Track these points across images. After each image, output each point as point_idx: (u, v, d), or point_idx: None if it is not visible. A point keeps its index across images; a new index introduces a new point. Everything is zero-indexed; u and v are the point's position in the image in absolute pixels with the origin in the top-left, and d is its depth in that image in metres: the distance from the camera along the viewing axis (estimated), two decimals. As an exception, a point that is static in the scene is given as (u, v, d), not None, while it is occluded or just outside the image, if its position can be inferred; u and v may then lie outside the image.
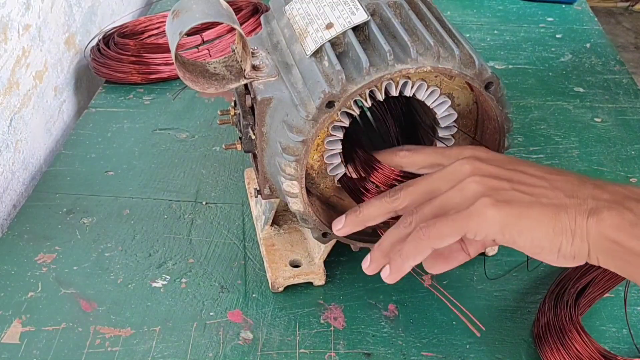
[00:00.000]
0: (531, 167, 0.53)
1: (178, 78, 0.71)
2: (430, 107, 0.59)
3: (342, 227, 0.59)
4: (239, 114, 0.64)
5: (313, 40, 0.57)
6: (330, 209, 0.64)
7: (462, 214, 0.51)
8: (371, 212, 0.57)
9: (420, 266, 0.62)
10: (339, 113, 0.57)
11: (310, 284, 0.68)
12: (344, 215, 0.59)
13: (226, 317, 0.65)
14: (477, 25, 1.17)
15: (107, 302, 0.66)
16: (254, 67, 0.59)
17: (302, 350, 0.62)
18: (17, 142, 0.84)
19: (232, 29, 1.02)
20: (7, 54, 0.81)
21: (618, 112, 0.95)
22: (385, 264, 0.55)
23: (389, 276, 0.55)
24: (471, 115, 0.63)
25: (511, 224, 0.50)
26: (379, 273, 0.69)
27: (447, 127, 0.61)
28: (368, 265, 0.57)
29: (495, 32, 1.15)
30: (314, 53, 0.57)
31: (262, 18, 0.66)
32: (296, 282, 0.67)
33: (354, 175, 0.62)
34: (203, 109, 0.94)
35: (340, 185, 0.63)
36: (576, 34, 1.14)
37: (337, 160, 0.61)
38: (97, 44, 1.01)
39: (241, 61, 0.60)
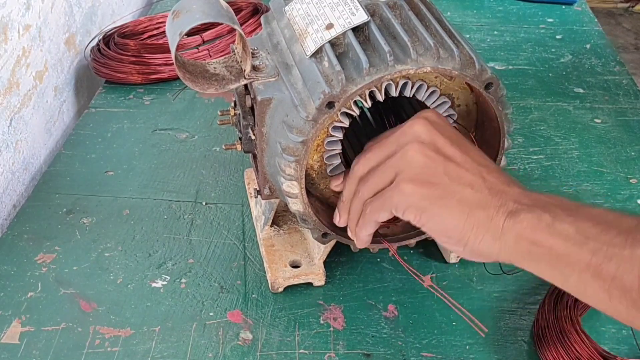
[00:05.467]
0: (470, 154, 0.53)
1: (178, 78, 0.71)
2: (431, 108, 0.59)
3: (339, 217, 0.60)
4: (239, 114, 0.64)
5: (313, 41, 0.57)
6: (330, 210, 0.64)
7: (390, 189, 0.53)
8: (347, 192, 0.59)
9: (419, 268, 0.62)
10: (338, 114, 0.57)
11: (310, 284, 0.68)
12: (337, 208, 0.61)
13: (226, 318, 0.65)
14: (477, 26, 1.17)
15: (107, 302, 0.66)
16: (254, 68, 0.59)
17: (301, 351, 0.62)
18: (17, 142, 0.84)
19: (232, 30, 1.02)
20: (8, 54, 0.81)
21: (618, 113, 0.95)
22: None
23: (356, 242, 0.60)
24: (471, 115, 0.63)
25: (424, 207, 0.51)
26: (378, 275, 0.70)
27: (447, 128, 0.61)
28: (338, 220, 0.61)
29: (495, 32, 1.15)
30: (314, 53, 0.57)
31: (262, 18, 0.66)
32: (296, 283, 0.67)
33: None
34: (203, 109, 0.94)
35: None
36: (576, 34, 1.14)
37: (337, 160, 0.61)
38: (98, 44, 1.01)
39: (241, 62, 0.60)
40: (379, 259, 0.71)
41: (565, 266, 0.48)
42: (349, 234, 0.60)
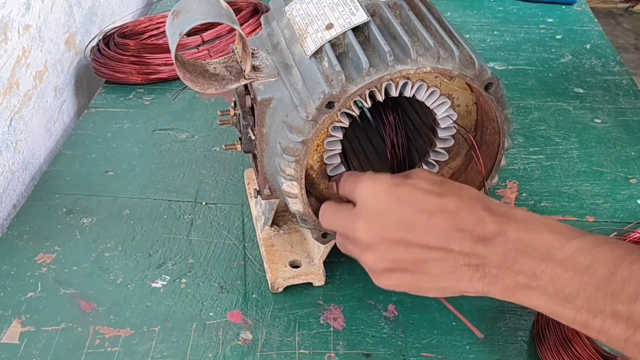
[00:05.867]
0: (428, 223, 0.51)
1: (178, 78, 0.71)
2: (430, 108, 0.59)
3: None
4: (239, 114, 0.64)
5: (313, 41, 0.57)
6: (330, 210, 0.64)
7: (366, 269, 0.56)
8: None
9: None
10: (338, 114, 0.57)
11: (309, 284, 0.68)
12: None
13: (226, 318, 0.65)
14: (477, 26, 1.17)
15: (107, 302, 0.66)
16: (254, 68, 0.59)
17: (301, 351, 0.62)
18: (17, 142, 0.84)
19: (232, 30, 1.02)
20: (7, 54, 0.81)
21: (618, 113, 0.95)
22: None
23: None
24: (471, 116, 0.63)
25: (403, 290, 0.55)
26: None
27: (446, 128, 0.61)
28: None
29: (495, 32, 1.15)
30: (314, 54, 0.57)
31: (262, 18, 0.66)
32: (296, 283, 0.67)
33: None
34: (203, 109, 0.94)
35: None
36: (576, 34, 1.14)
37: (337, 160, 0.61)
38: (98, 44, 1.01)
39: (241, 62, 0.60)
40: (379, 259, 0.70)
41: (553, 316, 0.50)
42: None
